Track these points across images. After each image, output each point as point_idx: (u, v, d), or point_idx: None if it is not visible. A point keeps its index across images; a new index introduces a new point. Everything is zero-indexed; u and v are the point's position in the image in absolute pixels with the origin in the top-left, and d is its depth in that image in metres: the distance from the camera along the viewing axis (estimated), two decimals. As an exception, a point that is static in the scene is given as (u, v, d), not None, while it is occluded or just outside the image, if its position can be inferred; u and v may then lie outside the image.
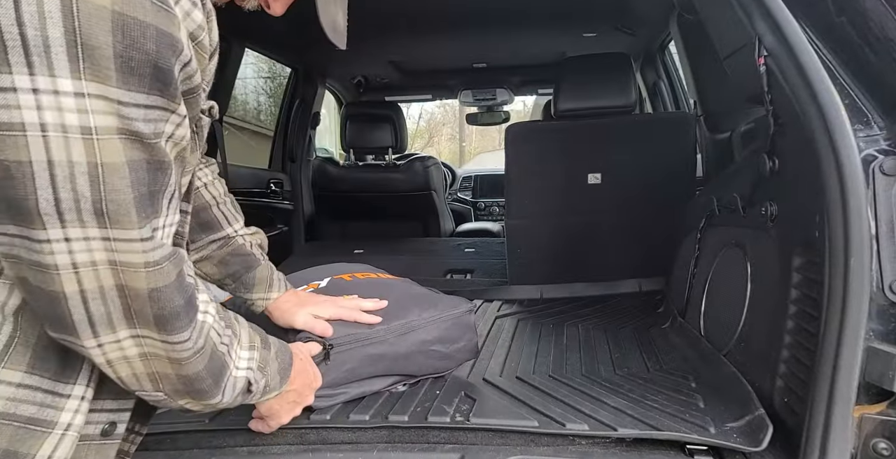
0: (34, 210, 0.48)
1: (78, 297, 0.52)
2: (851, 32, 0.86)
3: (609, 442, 0.91)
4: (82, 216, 0.49)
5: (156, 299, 0.55)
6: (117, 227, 0.51)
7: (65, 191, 0.48)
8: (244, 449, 0.93)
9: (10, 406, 0.54)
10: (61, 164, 0.47)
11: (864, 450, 0.79)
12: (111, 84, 0.48)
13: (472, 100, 3.59)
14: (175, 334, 0.57)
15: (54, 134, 0.47)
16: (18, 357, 0.54)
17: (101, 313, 0.53)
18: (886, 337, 0.78)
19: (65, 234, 0.49)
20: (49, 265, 0.50)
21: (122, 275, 0.53)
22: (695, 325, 1.42)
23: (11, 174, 0.46)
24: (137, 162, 0.51)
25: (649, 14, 2.28)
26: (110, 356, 0.56)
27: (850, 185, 0.75)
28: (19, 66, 0.45)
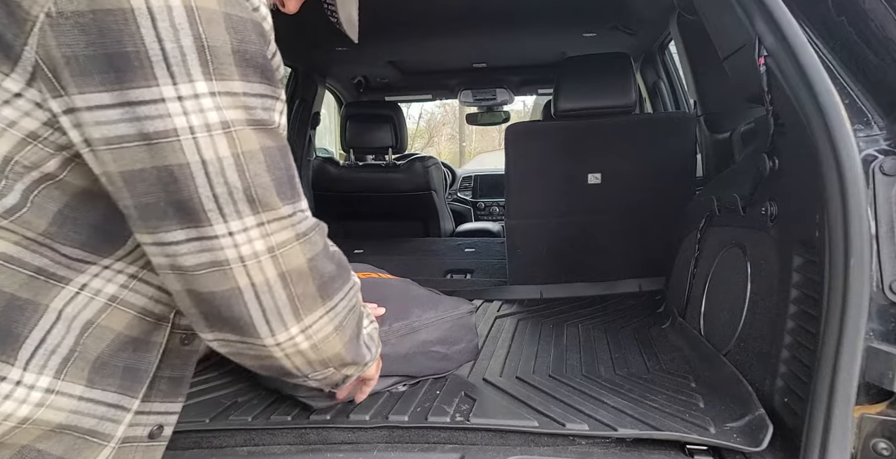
0: (200, 208, 0.51)
1: (251, 291, 0.55)
2: (851, 32, 0.86)
3: (609, 442, 0.91)
4: (238, 207, 0.53)
5: (314, 268, 0.58)
6: (267, 209, 0.54)
7: (220, 186, 0.51)
8: (244, 450, 0.93)
9: (72, 418, 0.56)
10: (212, 161, 0.51)
11: (864, 450, 0.79)
12: (234, 78, 0.51)
13: (472, 100, 3.59)
14: (336, 296, 0.62)
15: (201, 134, 0.50)
16: (77, 371, 0.55)
17: (272, 308, 0.56)
18: (886, 336, 0.78)
19: (228, 229, 0.53)
20: (221, 261, 0.53)
21: (282, 260, 0.56)
22: (695, 325, 1.42)
23: (175, 177, 0.50)
24: (268, 147, 0.55)
25: (649, 14, 2.28)
26: (288, 351, 0.59)
27: (850, 185, 0.75)
28: (164, 78, 0.48)
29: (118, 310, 0.58)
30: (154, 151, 0.49)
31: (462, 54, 3.05)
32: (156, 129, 0.49)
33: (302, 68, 3.01)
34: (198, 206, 0.51)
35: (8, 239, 0.51)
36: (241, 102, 0.52)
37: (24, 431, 0.53)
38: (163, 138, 0.49)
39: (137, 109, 0.48)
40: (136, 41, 0.47)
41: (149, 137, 0.49)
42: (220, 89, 0.51)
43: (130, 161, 0.49)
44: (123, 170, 0.50)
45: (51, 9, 0.45)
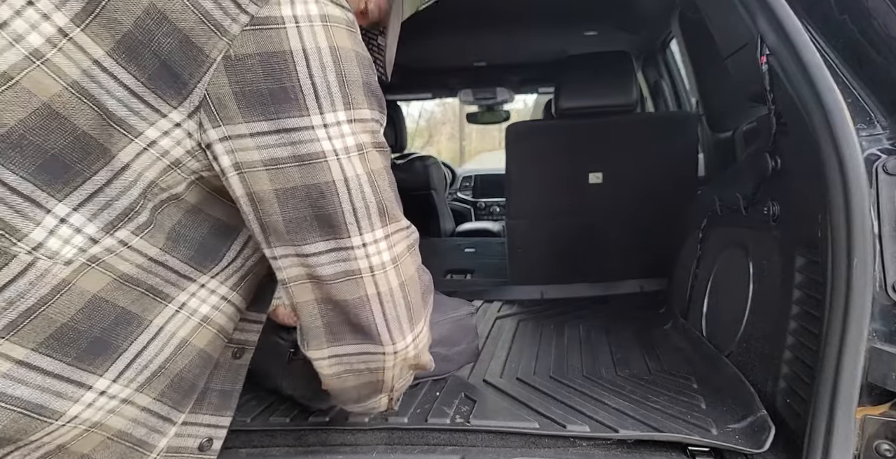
0: (342, 221, 0.58)
1: (377, 301, 0.60)
2: (854, 31, 0.86)
3: (610, 444, 0.91)
4: (371, 219, 0.59)
5: (420, 277, 0.65)
6: (393, 222, 0.61)
7: (358, 201, 0.58)
8: (242, 451, 0.92)
9: (130, 426, 0.58)
10: (352, 179, 0.58)
11: (867, 452, 0.78)
12: (363, 107, 0.59)
13: (473, 99, 3.58)
14: (429, 304, 0.68)
15: (343, 156, 0.57)
16: (157, 385, 0.59)
17: (393, 316, 0.62)
18: (889, 337, 0.77)
19: (363, 240, 0.59)
20: (354, 271, 0.59)
21: (402, 269, 0.62)
22: (696, 326, 1.41)
23: (323, 193, 0.57)
24: (387, 166, 0.62)
25: (651, 12, 2.27)
26: (398, 359, 0.64)
27: (852, 185, 0.75)
28: (314, 109, 0.55)
29: (206, 329, 0.62)
30: (305, 171, 0.56)
31: (462, 53, 3.04)
32: (308, 152, 0.55)
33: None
34: (340, 219, 0.58)
35: (132, 262, 0.55)
36: (370, 127, 0.60)
37: (89, 437, 0.55)
38: (313, 160, 0.56)
39: (292, 135, 0.55)
40: (293, 78, 0.54)
41: (301, 159, 0.55)
42: (355, 117, 0.58)
43: (285, 180, 0.56)
44: (278, 188, 0.56)
45: (229, 52, 0.52)
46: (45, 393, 0.51)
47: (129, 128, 0.53)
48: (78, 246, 0.52)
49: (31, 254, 0.50)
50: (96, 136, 0.52)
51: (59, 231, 0.51)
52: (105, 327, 0.54)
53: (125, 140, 0.53)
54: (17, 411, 0.50)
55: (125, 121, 0.53)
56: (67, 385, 0.52)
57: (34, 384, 0.50)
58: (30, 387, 0.50)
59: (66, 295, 0.51)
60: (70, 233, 0.52)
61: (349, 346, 0.62)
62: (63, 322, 0.51)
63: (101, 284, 0.53)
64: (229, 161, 0.56)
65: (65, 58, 0.50)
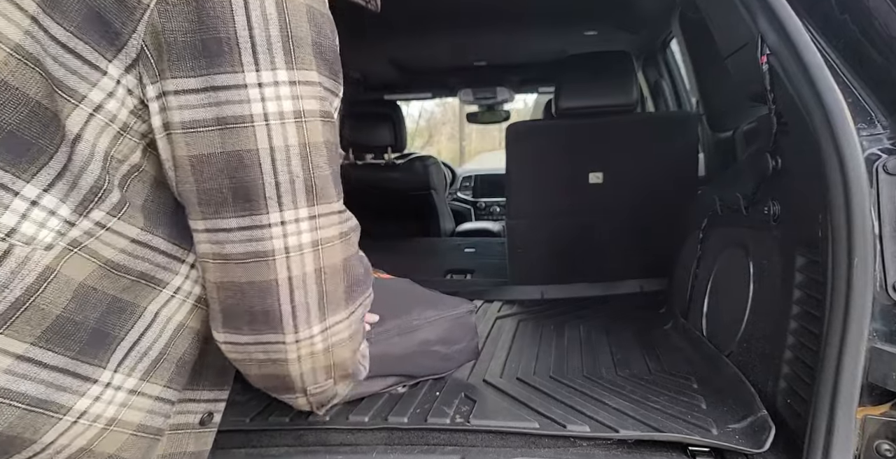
0: (261, 195, 0.52)
1: (287, 285, 0.55)
2: (855, 30, 0.85)
3: (610, 444, 0.91)
4: (296, 197, 0.53)
5: (347, 269, 0.59)
6: (322, 203, 0.55)
7: (283, 174, 0.52)
8: (241, 451, 0.92)
9: (147, 418, 0.56)
10: (280, 149, 0.52)
11: (868, 452, 0.78)
12: (312, 69, 0.53)
13: (473, 99, 3.58)
14: (357, 301, 0.63)
15: (274, 122, 0.51)
16: (163, 372, 0.56)
17: (302, 303, 0.56)
18: (890, 337, 0.77)
19: (281, 217, 0.53)
20: (267, 252, 0.53)
21: (322, 254, 0.56)
22: (697, 326, 1.41)
23: (244, 163, 0.51)
24: (329, 141, 0.56)
25: (651, 12, 2.27)
26: (302, 351, 0.59)
27: (853, 185, 0.75)
28: (249, 65, 0.50)
29: (200, 310, 0.58)
30: (227, 136, 0.50)
31: (462, 52, 3.04)
32: (233, 114, 0.50)
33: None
34: (259, 193, 0.52)
35: (115, 246, 0.52)
36: (317, 93, 0.54)
37: (111, 436, 0.53)
38: (238, 123, 0.50)
39: (220, 94, 0.49)
40: (229, 28, 0.48)
41: (225, 122, 0.50)
42: (300, 79, 0.52)
43: (202, 145, 0.50)
44: (193, 155, 0.50)
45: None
46: (49, 388, 0.48)
47: (70, 92, 0.48)
48: (55, 229, 0.48)
49: (5, 241, 0.46)
50: (49, 106, 0.47)
51: (31, 214, 0.47)
52: (98, 317, 0.51)
53: (69, 105, 0.48)
54: (22, 407, 0.47)
55: (64, 82, 0.48)
56: (72, 378, 0.50)
57: (38, 379, 0.48)
58: (34, 382, 0.48)
59: (52, 283, 0.48)
60: (44, 216, 0.48)
61: (245, 336, 0.57)
62: (57, 313, 0.48)
63: (87, 271, 0.50)
64: (159, 121, 0.51)
65: (3, 19, 0.45)
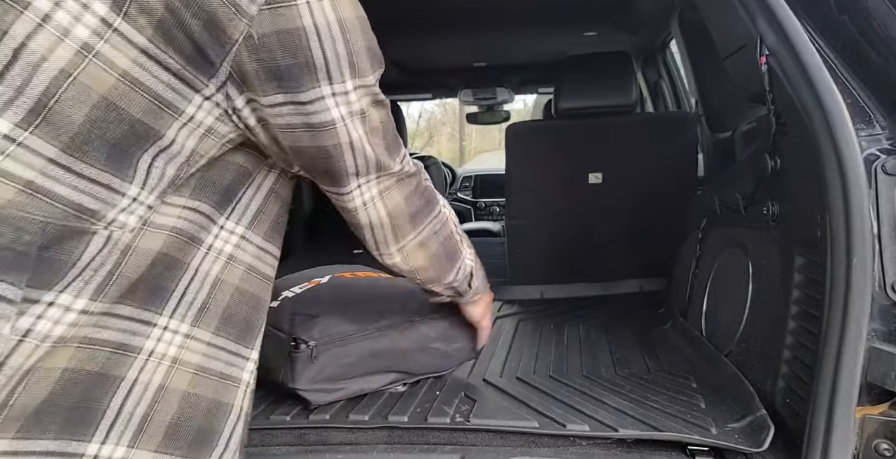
0: (344, 174, 0.69)
1: (369, 227, 0.76)
2: (853, 31, 0.86)
3: (610, 443, 0.91)
4: (369, 171, 0.70)
5: (409, 203, 0.77)
6: (386, 170, 0.72)
7: (360, 158, 0.68)
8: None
9: (204, 360, 0.65)
10: (356, 141, 0.66)
11: (866, 451, 0.78)
12: (368, 73, 0.65)
13: (473, 99, 3.58)
14: (421, 223, 0.80)
15: (349, 121, 0.64)
16: (209, 320, 0.65)
17: (382, 235, 0.77)
18: (888, 337, 0.77)
19: (357, 183, 0.71)
20: (351, 208, 0.73)
21: (386, 200, 0.74)
22: (696, 326, 1.41)
23: (331, 154, 0.66)
24: (385, 121, 0.70)
25: (650, 13, 2.27)
26: (386, 261, 0.82)
27: (852, 185, 0.75)
28: (324, 81, 0.61)
29: (233, 267, 0.68)
30: (315, 136, 0.64)
31: (462, 53, 3.04)
32: (320, 121, 0.63)
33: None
34: (343, 173, 0.68)
35: (172, 215, 0.61)
36: (372, 90, 0.66)
37: (179, 374, 0.62)
38: (323, 127, 0.63)
39: (305, 107, 0.61)
40: (307, 53, 0.59)
41: (313, 127, 0.63)
42: (360, 84, 0.64)
43: (297, 140, 0.64)
44: (293, 145, 0.64)
45: (249, 32, 0.56)
46: (124, 334, 0.58)
47: (175, 110, 0.57)
48: (140, 215, 0.58)
49: (107, 229, 0.56)
50: (149, 122, 0.55)
51: (130, 207, 0.57)
52: (159, 273, 0.61)
53: (172, 120, 0.57)
54: (108, 350, 0.58)
55: (173, 103, 0.56)
56: (139, 325, 0.59)
57: (116, 328, 0.58)
58: (112, 330, 0.58)
59: (132, 256, 0.59)
60: (136, 207, 0.58)
61: None
62: (135, 278, 0.59)
63: (159, 242, 0.61)
64: (255, 120, 0.62)
65: (113, 49, 0.52)
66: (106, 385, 0.57)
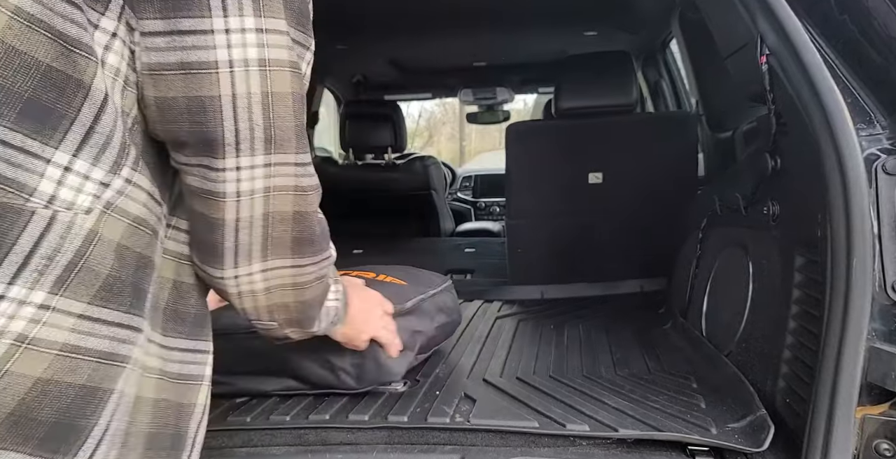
0: (220, 141, 0.53)
1: (233, 225, 0.57)
2: (854, 31, 0.86)
3: (610, 443, 0.91)
4: (254, 144, 0.54)
5: (298, 221, 0.60)
6: (279, 152, 0.56)
7: (243, 122, 0.53)
8: (242, 450, 0.92)
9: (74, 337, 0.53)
10: (242, 96, 0.52)
11: (867, 451, 0.78)
12: (281, 17, 0.53)
13: (473, 99, 3.58)
14: (307, 258, 0.64)
15: (239, 69, 0.51)
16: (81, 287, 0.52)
17: (245, 243, 0.59)
18: (889, 337, 0.77)
19: (237, 163, 0.54)
20: (219, 193, 0.55)
21: (273, 201, 0.58)
22: (696, 326, 1.41)
23: (206, 108, 0.51)
24: (296, 94, 0.56)
25: (651, 12, 2.27)
26: (242, 288, 0.62)
27: (852, 185, 0.75)
28: (217, 10, 0.49)
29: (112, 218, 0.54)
30: (189, 80, 0.50)
31: (462, 53, 3.04)
32: (197, 60, 0.50)
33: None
34: (219, 139, 0.53)
35: (138, 200, 0.53)
36: (285, 42, 0.54)
37: (28, 354, 0.47)
38: (201, 70, 0.50)
39: (185, 39, 0.49)
40: None
41: (189, 67, 0.50)
42: (268, 26, 0.52)
43: (165, 88, 0.51)
44: (158, 96, 0.51)
45: None
46: (112, 342, 0.51)
47: (88, 49, 0.48)
48: (92, 193, 0.49)
49: (48, 208, 0.47)
50: (62, 68, 0.47)
51: (66, 180, 0.48)
52: (132, 273, 0.53)
53: (91, 63, 0.48)
54: (93, 361, 0.50)
55: (80, 40, 0.48)
56: (128, 331, 0.53)
57: (100, 334, 0.50)
58: (97, 338, 0.50)
59: (98, 245, 0.50)
60: (80, 181, 0.49)
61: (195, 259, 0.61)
62: (106, 273, 0.50)
63: (121, 231, 0.52)
64: (139, 64, 0.51)
65: None
66: (93, 399, 0.50)
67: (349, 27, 2.34)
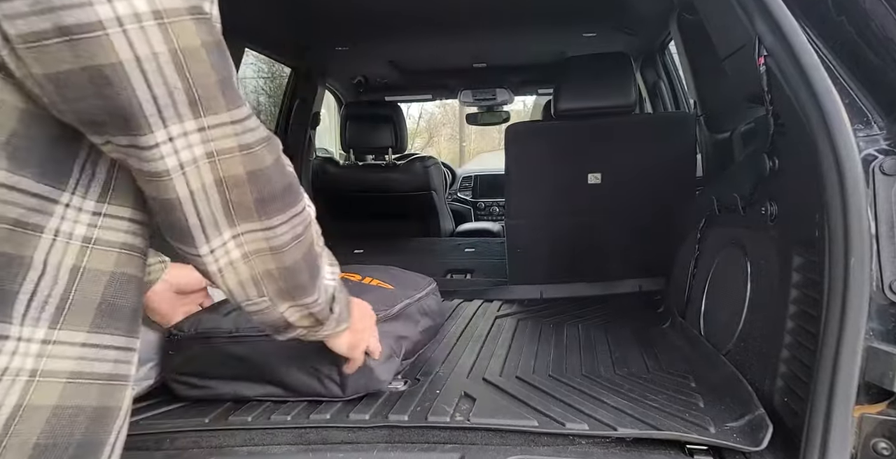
0: (139, 113, 0.47)
1: (189, 200, 0.52)
2: (851, 32, 0.86)
3: (609, 442, 0.91)
4: (178, 109, 0.48)
5: (254, 181, 0.54)
6: (209, 113, 0.50)
7: (158, 86, 0.47)
8: (244, 449, 0.93)
9: (83, 365, 0.53)
10: (147, 58, 0.45)
11: (864, 450, 0.79)
12: None
13: (472, 100, 3.58)
14: (274, 216, 0.58)
15: (131, 26, 0.44)
16: (76, 318, 0.53)
17: (208, 214, 0.54)
18: (886, 336, 0.78)
19: (168, 134, 0.49)
20: (161, 172, 0.50)
21: (220, 165, 0.52)
22: (695, 325, 1.42)
23: (109, 79, 0.45)
24: (208, 43, 0.49)
25: (649, 14, 2.28)
26: (221, 262, 0.57)
27: (850, 185, 0.75)
28: None
29: (96, 250, 0.53)
30: (76, 48, 0.43)
31: (462, 54, 3.05)
32: (76, 21, 0.42)
33: (302, 68, 3.01)
34: (137, 111, 0.46)
35: None
36: None
37: (42, 386, 0.50)
38: (85, 32, 0.43)
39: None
40: None
41: (69, 32, 0.42)
42: None
43: (53, 61, 0.43)
44: (48, 73, 0.44)
45: None
46: None
47: None
48: None
49: None
50: None
51: None
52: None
53: None
54: None
55: None
56: None
57: None
58: None
59: None
60: None
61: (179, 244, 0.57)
62: None
63: None
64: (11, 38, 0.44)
65: None
66: None
67: (350, 28, 2.35)
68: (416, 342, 1.29)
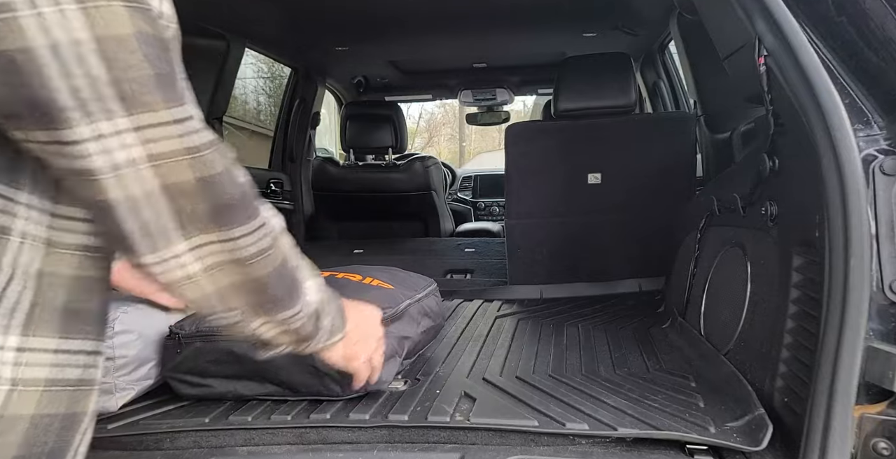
0: (54, 105, 0.42)
1: (126, 205, 0.47)
2: (851, 32, 0.86)
3: (609, 442, 0.91)
4: (106, 104, 0.43)
5: (206, 189, 0.49)
6: (145, 111, 0.45)
7: (79, 78, 0.42)
8: (244, 449, 0.93)
9: (56, 372, 0.51)
10: (65, 45, 0.41)
11: (864, 450, 0.79)
12: None
13: (472, 100, 3.59)
14: (234, 227, 0.52)
15: (48, 9, 0.40)
16: (45, 324, 0.50)
17: (153, 222, 0.48)
18: (886, 336, 0.78)
19: (96, 130, 0.44)
20: (88, 170, 0.45)
21: (164, 171, 0.47)
22: (695, 325, 1.42)
23: (19, 66, 0.41)
24: (145, 35, 0.45)
25: (649, 14, 2.28)
26: (175, 274, 0.51)
27: (850, 185, 0.75)
28: None
29: (56, 254, 0.51)
30: None
31: (462, 54, 3.05)
32: None
33: (302, 68, 3.01)
34: (51, 103, 0.42)
35: None
36: None
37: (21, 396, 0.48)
38: None
39: None
40: None
41: None
42: None
43: None
44: None
45: None
46: None
47: None
48: None
49: None
50: None
51: None
52: None
53: None
54: None
55: None
56: None
57: None
58: None
59: None
60: None
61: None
62: None
63: None
64: None
65: None
66: None
67: (350, 29, 2.35)
68: (417, 342, 1.29)
